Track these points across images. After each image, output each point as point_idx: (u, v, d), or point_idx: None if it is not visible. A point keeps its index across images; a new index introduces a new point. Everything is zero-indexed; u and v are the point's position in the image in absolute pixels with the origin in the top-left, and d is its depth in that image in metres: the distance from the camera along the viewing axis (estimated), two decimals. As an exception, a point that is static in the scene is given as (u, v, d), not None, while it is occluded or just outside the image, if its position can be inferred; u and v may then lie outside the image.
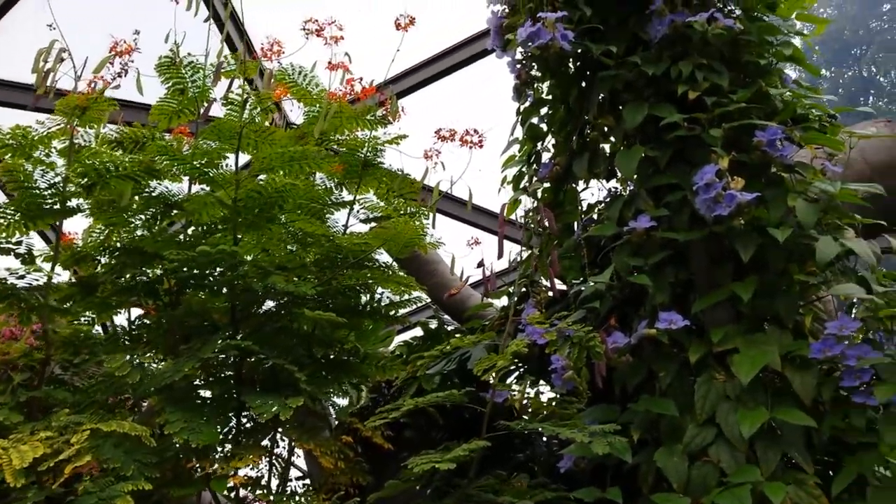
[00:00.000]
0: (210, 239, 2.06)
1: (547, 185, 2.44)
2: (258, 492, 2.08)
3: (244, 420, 2.17)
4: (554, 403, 1.89)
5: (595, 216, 2.42)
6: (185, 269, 1.92)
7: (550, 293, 2.44)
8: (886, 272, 1.90)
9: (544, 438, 2.07)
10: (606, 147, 2.31)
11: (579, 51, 2.22)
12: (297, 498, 2.12)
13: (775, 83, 2.14)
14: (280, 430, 2.10)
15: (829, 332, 1.68)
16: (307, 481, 2.89)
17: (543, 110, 2.47)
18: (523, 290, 2.42)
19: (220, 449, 1.98)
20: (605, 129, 2.28)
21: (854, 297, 1.72)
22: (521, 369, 2.52)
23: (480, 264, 1.96)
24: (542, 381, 2.40)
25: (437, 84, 4.34)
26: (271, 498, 2.03)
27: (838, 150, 2.01)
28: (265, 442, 2.14)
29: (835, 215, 1.90)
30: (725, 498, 1.54)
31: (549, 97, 2.45)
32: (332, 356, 2.21)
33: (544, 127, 2.47)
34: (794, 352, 1.73)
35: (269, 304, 2.17)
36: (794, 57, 2.16)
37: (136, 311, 2.51)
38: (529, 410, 1.76)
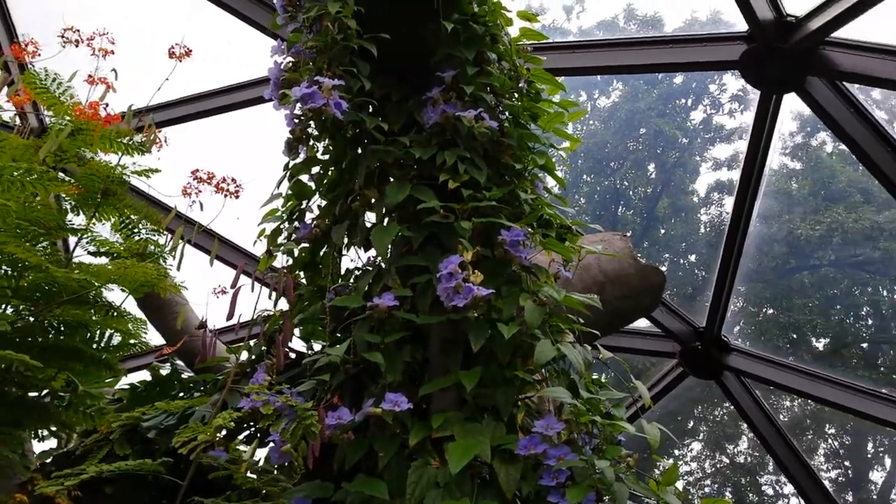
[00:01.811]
0: None
1: (306, 245, 2.40)
2: None
3: None
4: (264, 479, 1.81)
5: (350, 283, 2.42)
6: None
7: (292, 355, 2.39)
8: (595, 379, 2.08)
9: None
10: (373, 216, 2.33)
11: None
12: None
13: (527, 187, 2.29)
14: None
15: (536, 430, 1.79)
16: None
17: (315, 169, 2.45)
18: (263, 349, 2.34)
19: None
20: (372, 200, 2.31)
21: (562, 401, 1.84)
22: (252, 429, 2.41)
23: (202, 326, 1.86)
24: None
25: (212, 120, 4.19)
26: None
27: (570, 258, 2.19)
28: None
29: (558, 319, 2.05)
30: (417, 588, 1.54)
31: (324, 157, 2.44)
32: (30, 398, 1.96)
33: (313, 186, 2.45)
34: (504, 445, 1.81)
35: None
36: (546, 167, 2.34)
37: None
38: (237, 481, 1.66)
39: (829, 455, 14.03)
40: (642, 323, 5.36)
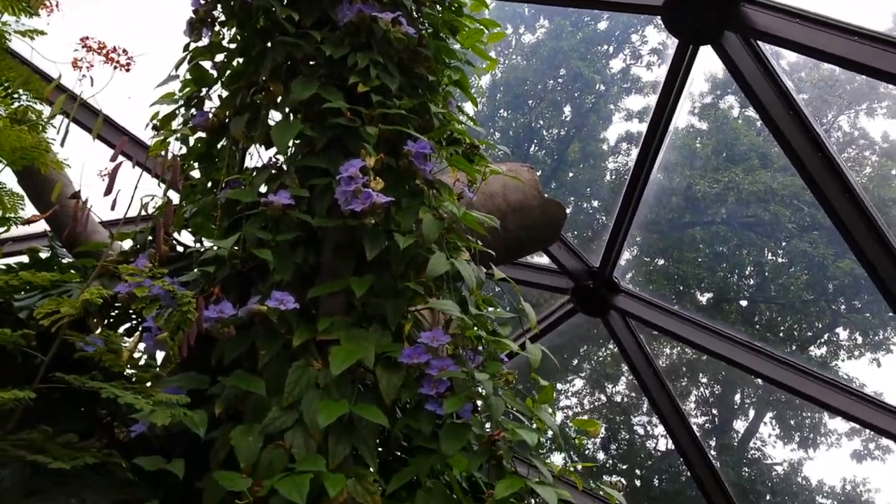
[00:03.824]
0: None
1: (202, 136, 2.29)
2: None
3: None
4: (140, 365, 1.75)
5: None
6: None
7: (179, 248, 2.30)
8: (486, 298, 2.09)
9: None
10: (278, 115, 2.24)
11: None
12: None
13: (439, 102, 2.25)
14: None
15: (421, 340, 1.79)
16: None
17: (219, 57, 2.32)
18: (148, 238, 2.24)
19: None
20: (278, 99, 2.21)
21: (450, 314, 1.85)
22: (135, 321, 2.32)
23: (75, 196, 1.74)
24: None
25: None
26: None
27: (475, 178, 2.18)
28: None
29: (455, 237, 2.04)
30: (285, 484, 1.54)
31: (230, 46, 2.31)
32: None
33: (215, 74, 2.32)
34: (388, 353, 1.81)
35: None
36: (460, 82, 2.30)
37: None
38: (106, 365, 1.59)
39: (699, 402, 15.00)
40: (540, 259, 5.47)
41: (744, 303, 14.10)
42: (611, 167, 14.54)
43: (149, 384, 1.75)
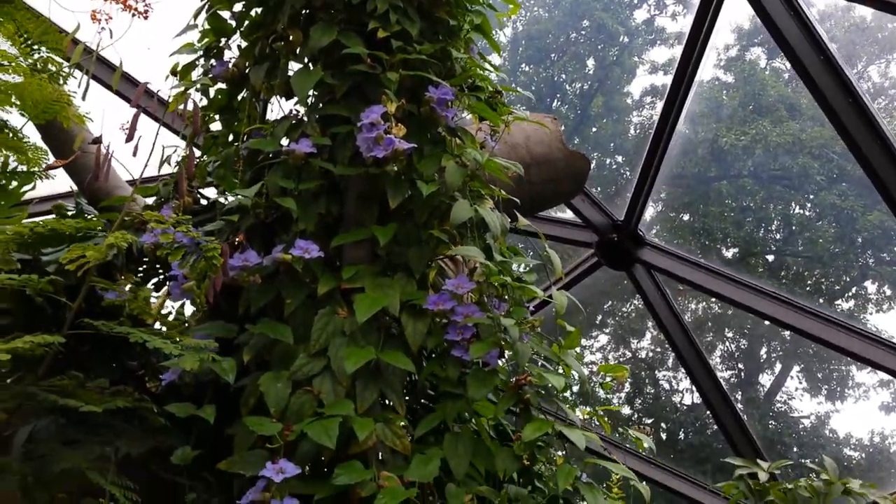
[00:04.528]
0: None
1: (223, 87, 2.27)
2: None
3: None
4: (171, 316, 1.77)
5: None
6: None
7: (202, 200, 2.30)
8: (510, 246, 2.07)
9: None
10: (296, 66, 2.21)
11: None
12: None
13: (460, 47, 2.20)
14: None
15: (446, 287, 1.78)
16: None
17: (238, 6, 2.29)
18: (171, 189, 2.24)
19: None
20: (297, 50, 2.18)
21: (474, 261, 1.84)
22: (162, 275, 2.34)
23: (96, 141, 1.73)
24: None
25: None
26: None
27: (498, 126, 2.14)
28: None
29: (478, 184, 2.02)
30: (314, 428, 1.55)
31: (249, -5, 2.28)
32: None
33: (234, 24, 2.29)
34: (413, 300, 1.80)
35: None
36: (482, 27, 2.25)
37: None
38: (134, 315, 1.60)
39: (724, 357, 14.93)
40: (563, 214, 5.42)
41: (770, 257, 13.92)
42: (635, 121, 14.32)
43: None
